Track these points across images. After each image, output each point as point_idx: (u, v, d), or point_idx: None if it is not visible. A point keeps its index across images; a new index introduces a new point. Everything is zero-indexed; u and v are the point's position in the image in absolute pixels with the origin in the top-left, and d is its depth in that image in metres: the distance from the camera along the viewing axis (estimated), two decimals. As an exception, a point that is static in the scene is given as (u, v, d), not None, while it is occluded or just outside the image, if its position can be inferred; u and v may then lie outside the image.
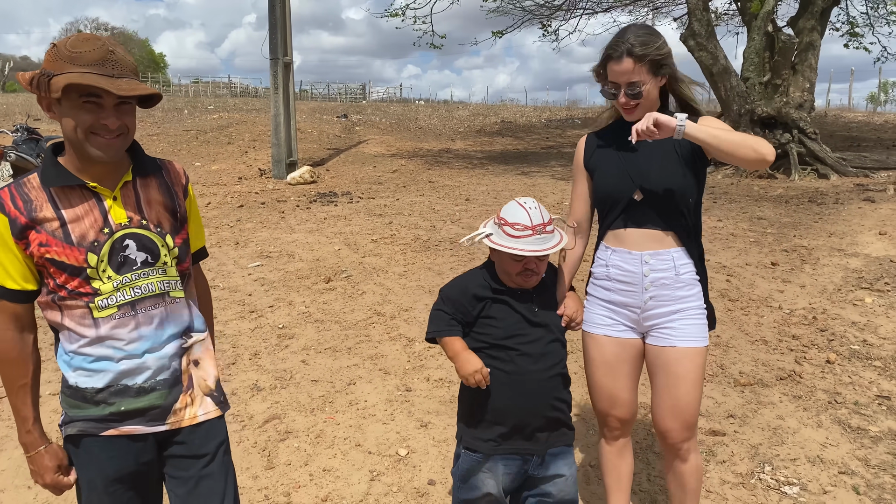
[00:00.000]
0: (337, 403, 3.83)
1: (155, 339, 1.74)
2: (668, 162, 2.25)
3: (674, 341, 2.27)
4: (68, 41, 1.58)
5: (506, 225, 2.09)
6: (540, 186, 10.93)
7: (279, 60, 12.13)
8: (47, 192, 1.64)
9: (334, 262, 6.68)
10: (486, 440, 2.15)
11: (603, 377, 2.40)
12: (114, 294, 1.68)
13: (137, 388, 1.73)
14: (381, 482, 3.10)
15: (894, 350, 4.28)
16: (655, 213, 2.26)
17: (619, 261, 2.31)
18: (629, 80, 2.20)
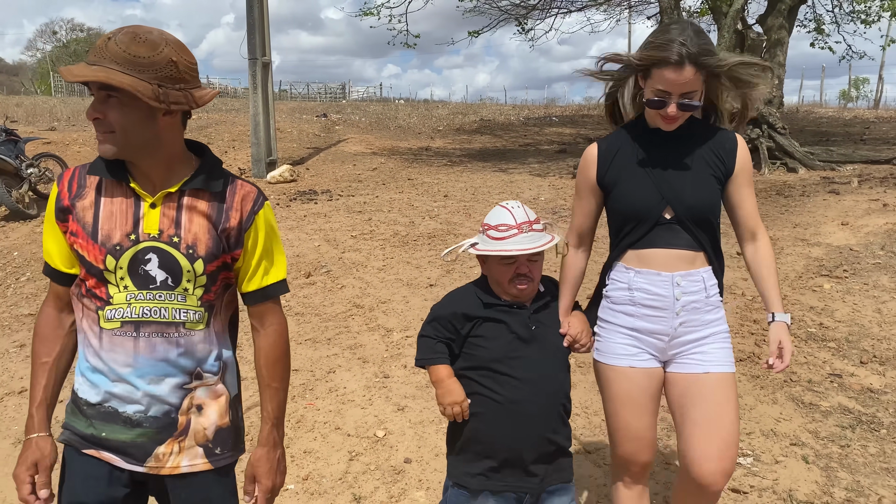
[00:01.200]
0: (317, 391, 3.98)
1: (152, 371, 1.58)
2: (702, 177, 2.05)
3: (707, 367, 2.06)
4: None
5: (490, 229, 1.98)
6: (517, 183, 11.12)
7: (258, 60, 12.21)
8: (99, 180, 1.57)
9: (314, 257, 6.81)
10: (474, 475, 1.96)
11: (630, 416, 2.12)
12: (123, 307, 1.56)
13: (125, 418, 1.59)
14: (359, 462, 3.25)
15: (848, 332, 4.50)
16: (687, 232, 2.05)
17: (645, 283, 2.06)
18: (686, 91, 1.94)
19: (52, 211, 1.59)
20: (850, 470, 3.11)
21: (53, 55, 56.19)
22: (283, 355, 1.77)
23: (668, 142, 2.08)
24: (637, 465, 2.19)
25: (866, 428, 3.44)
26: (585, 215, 2.22)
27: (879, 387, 3.81)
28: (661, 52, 1.91)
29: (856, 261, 5.92)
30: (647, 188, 2.06)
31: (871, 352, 4.21)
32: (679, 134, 2.07)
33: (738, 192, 2.12)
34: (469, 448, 1.98)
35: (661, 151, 2.08)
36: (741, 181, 2.11)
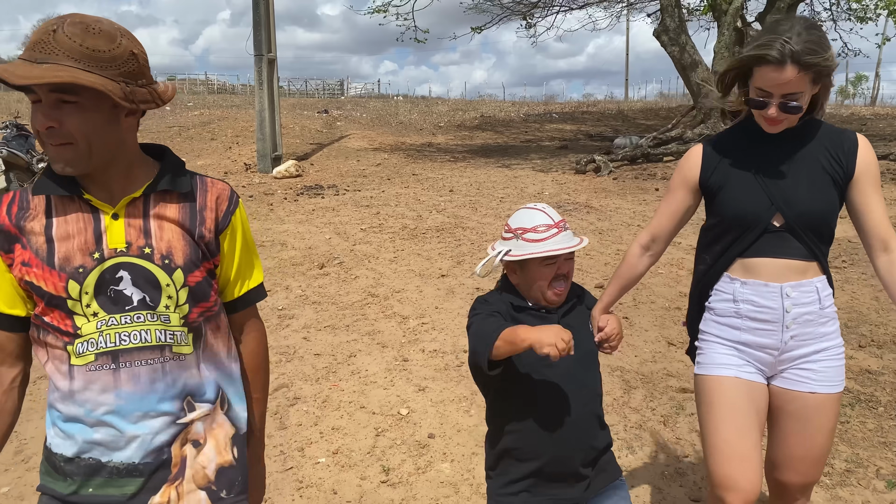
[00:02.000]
0: (340, 373, 4.15)
1: (138, 407, 1.37)
2: (817, 183, 1.91)
3: (814, 386, 1.94)
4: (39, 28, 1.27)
5: (526, 232, 1.87)
6: (521, 178, 11.30)
7: (263, 57, 12.35)
8: (47, 198, 1.35)
9: (326, 249, 6.98)
10: (517, 493, 1.86)
11: (732, 432, 1.93)
12: (95, 337, 1.34)
13: (112, 469, 1.37)
14: (385, 437, 3.43)
15: (847, 318, 4.69)
16: (799, 241, 1.91)
17: (752, 295, 1.95)
18: (788, 91, 1.80)
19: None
20: (849, 444, 3.30)
21: (51, 51, 56.04)
22: (264, 363, 1.62)
23: (781, 144, 1.95)
24: (738, 495, 1.88)
25: (865, 406, 3.62)
26: (670, 216, 2.10)
27: (877, 368, 4.00)
28: (762, 51, 1.79)
29: (854, 252, 6.11)
30: (755, 193, 1.94)
31: (870, 336, 4.40)
32: (792, 135, 1.94)
33: (862, 198, 1.92)
34: (511, 464, 1.87)
35: (772, 154, 1.95)
36: (865, 185, 1.91)
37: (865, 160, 1.91)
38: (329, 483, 3.07)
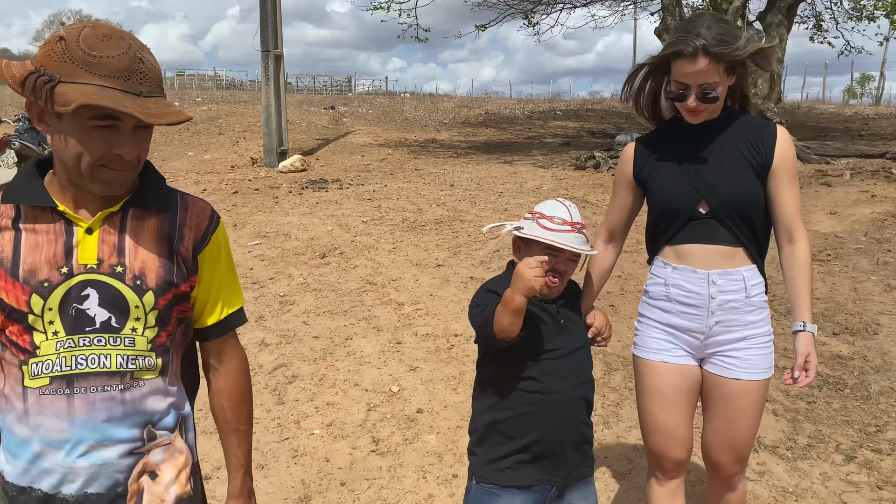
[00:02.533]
0: (336, 354, 4.37)
1: (91, 436, 1.29)
2: (738, 171, 2.01)
3: (738, 373, 2.05)
4: (82, 35, 1.19)
5: (542, 218, 1.93)
6: (521, 174, 11.49)
7: (270, 53, 12.58)
8: (16, 208, 1.29)
9: (328, 240, 7.19)
10: (503, 470, 1.93)
11: (659, 411, 2.14)
12: (52, 358, 1.26)
13: (61, 500, 1.29)
14: (377, 412, 3.65)
15: (825, 308, 4.87)
16: (724, 227, 2.01)
17: (681, 280, 2.06)
18: (703, 82, 1.93)
19: None
20: (814, 422, 3.49)
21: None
22: (247, 393, 1.53)
23: (704, 135, 2.05)
24: (668, 461, 2.17)
25: (832, 388, 3.81)
26: (619, 211, 2.24)
27: (848, 354, 4.19)
28: (677, 46, 1.92)
29: (839, 246, 6.29)
30: (681, 182, 2.04)
31: (844, 324, 4.58)
32: (716, 127, 2.05)
33: (776, 188, 2.02)
34: (499, 442, 1.93)
35: (696, 145, 2.05)
36: (780, 176, 2.01)
37: (783, 152, 2.01)
38: (322, 452, 3.28)
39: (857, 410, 3.59)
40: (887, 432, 3.38)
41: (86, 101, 1.15)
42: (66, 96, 1.16)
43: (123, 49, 1.21)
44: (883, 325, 4.52)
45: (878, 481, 3.02)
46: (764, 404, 2.13)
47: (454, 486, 3.00)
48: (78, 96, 1.15)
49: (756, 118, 2.10)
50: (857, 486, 2.99)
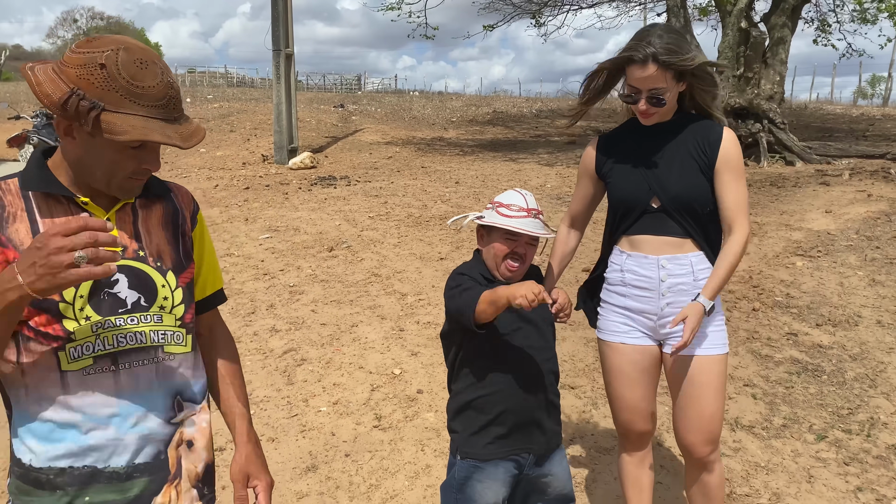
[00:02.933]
0: (342, 340, 4.62)
1: (137, 408, 1.37)
2: (686, 170, 2.18)
3: (694, 349, 2.20)
4: (120, 62, 1.23)
5: (501, 206, 2.08)
6: (525, 171, 11.72)
7: (281, 52, 12.85)
8: (26, 199, 1.32)
9: (335, 234, 7.44)
10: (485, 444, 2.07)
11: (622, 388, 2.34)
12: (91, 340, 1.32)
13: (110, 473, 1.36)
14: (379, 392, 3.89)
15: (810, 301, 5.09)
16: (673, 220, 2.19)
17: (634, 265, 2.25)
18: (652, 87, 2.10)
19: None
20: (790, 405, 3.71)
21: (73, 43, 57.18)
22: (237, 356, 1.68)
23: (659, 135, 2.23)
24: (634, 433, 2.39)
25: (810, 374, 4.03)
26: (581, 200, 2.43)
27: (828, 343, 4.40)
28: (629, 53, 2.09)
29: (830, 243, 6.48)
30: (635, 179, 2.22)
31: (827, 317, 4.80)
32: (670, 128, 2.22)
33: (720, 185, 2.18)
34: (476, 418, 2.07)
35: (651, 145, 2.23)
36: (723, 173, 2.16)
37: (726, 151, 2.16)
38: (328, 427, 3.53)
39: (832, 395, 3.80)
40: (858, 415, 3.60)
41: (138, 137, 1.22)
42: (114, 126, 1.22)
43: (160, 77, 1.27)
44: (864, 318, 4.73)
45: (846, 458, 3.24)
46: (724, 380, 2.25)
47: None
48: (129, 129, 1.22)
49: (708, 121, 2.24)
50: (825, 462, 3.21)
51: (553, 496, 2.18)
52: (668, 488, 3.04)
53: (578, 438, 3.45)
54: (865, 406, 3.68)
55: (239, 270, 6.24)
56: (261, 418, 3.62)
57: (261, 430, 3.50)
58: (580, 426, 3.56)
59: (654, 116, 2.19)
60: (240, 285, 5.83)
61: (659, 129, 2.24)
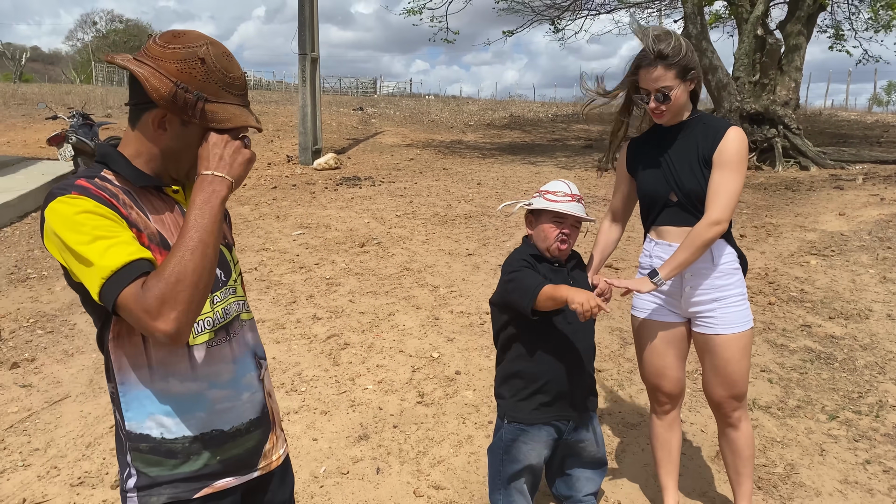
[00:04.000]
0: (382, 327, 4.92)
1: (246, 369, 1.55)
2: (696, 167, 2.41)
3: (717, 328, 2.47)
4: (214, 55, 1.35)
5: (548, 194, 2.36)
6: (545, 174, 12.00)
7: (307, 56, 13.21)
8: (126, 191, 1.39)
9: (365, 231, 7.76)
10: (530, 410, 2.35)
11: (650, 355, 2.64)
12: (210, 315, 1.47)
13: (233, 431, 1.51)
14: (420, 373, 4.19)
15: (823, 296, 5.34)
16: (688, 212, 2.44)
17: (660, 252, 2.51)
18: (659, 86, 2.35)
19: (113, 214, 1.33)
20: (804, 388, 3.98)
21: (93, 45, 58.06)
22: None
23: (677, 136, 2.48)
24: (662, 394, 2.67)
25: (823, 362, 4.29)
26: (619, 198, 2.73)
27: (840, 334, 4.66)
28: (637, 60, 2.39)
29: (844, 243, 6.73)
30: (657, 177, 2.50)
31: (840, 310, 5.05)
32: (686, 128, 2.47)
33: (711, 174, 2.40)
34: (523, 387, 2.33)
35: (670, 145, 2.49)
36: (715, 164, 2.38)
37: (723, 146, 2.37)
38: (375, 402, 3.83)
39: (843, 380, 4.07)
40: (868, 398, 3.86)
41: (240, 124, 1.37)
42: (216, 115, 1.35)
43: (239, 66, 1.40)
44: (874, 311, 4.98)
45: (856, 435, 3.50)
46: (749, 350, 2.52)
47: (489, 429, 3.53)
48: (230, 117, 1.37)
49: (719, 120, 2.49)
50: (836, 439, 3.48)
51: (588, 459, 2.50)
52: (691, 458, 3.32)
53: (607, 416, 3.73)
54: (875, 390, 3.94)
55: (276, 264, 6.56)
56: (312, 394, 3.93)
57: (313, 404, 3.81)
58: (608, 405, 3.84)
59: (666, 115, 2.43)
60: (278, 277, 6.15)
61: (677, 130, 2.50)
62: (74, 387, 4.14)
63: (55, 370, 4.38)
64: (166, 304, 1.23)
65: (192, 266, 1.26)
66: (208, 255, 1.29)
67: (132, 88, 1.38)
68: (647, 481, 3.13)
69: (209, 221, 1.31)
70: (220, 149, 1.36)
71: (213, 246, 1.31)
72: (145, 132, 1.39)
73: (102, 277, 1.25)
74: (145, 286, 1.24)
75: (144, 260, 1.28)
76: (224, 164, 1.36)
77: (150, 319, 1.23)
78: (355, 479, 3.15)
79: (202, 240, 1.29)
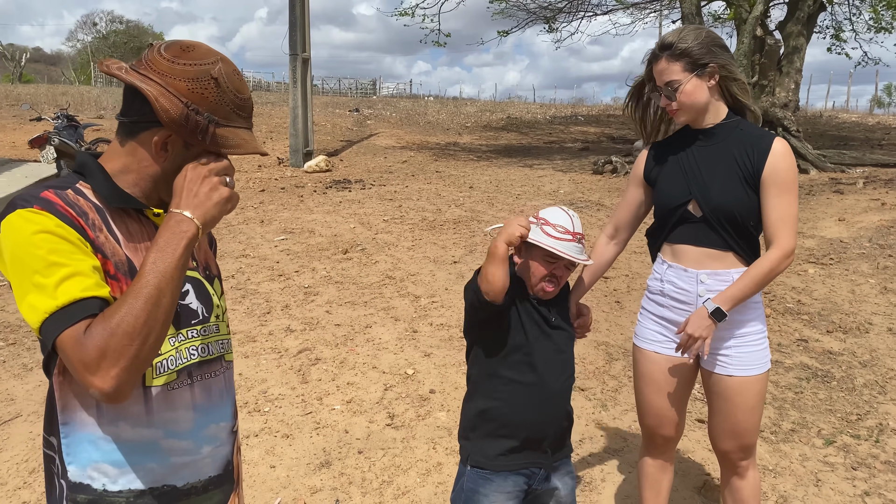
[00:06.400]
0: (356, 340, 4.69)
1: (213, 418, 1.37)
2: (730, 179, 2.13)
3: (731, 370, 2.19)
4: (225, 74, 1.24)
5: (547, 224, 2.01)
6: (541, 177, 11.77)
7: (298, 56, 12.99)
8: (99, 210, 1.23)
9: (350, 237, 7.53)
10: (496, 455, 2.04)
11: (652, 394, 2.35)
12: (173, 354, 1.30)
13: (188, 489, 1.34)
14: (392, 391, 3.96)
15: (821, 308, 5.11)
16: (714, 231, 2.14)
17: (673, 277, 2.22)
18: (666, 80, 2.14)
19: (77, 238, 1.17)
20: (799, 410, 3.74)
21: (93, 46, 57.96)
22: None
23: (707, 142, 2.19)
24: (659, 437, 2.40)
25: (820, 380, 4.06)
26: (627, 208, 2.39)
27: (838, 350, 4.42)
28: (646, 58, 2.21)
29: (843, 251, 6.49)
30: (678, 183, 2.19)
31: (838, 323, 4.82)
32: (718, 134, 2.18)
33: (765, 198, 2.10)
34: (491, 430, 2.04)
35: (699, 151, 2.19)
36: (769, 186, 2.09)
37: (774, 164, 2.08)
38: (342, 425, 3.60)
39: (841, 400, 3.83)
40: (867, 420, 3.63)
41: (251, 151, 1.27)
42: (227, 140, 1.24)
43: (248, 86, 1.29)
44: (875, 325, 4.75)
45: (854, 462, 3.27)
46: (763, 396, 2.24)
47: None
48: (241, 143, 1.25)
49: (758, 128, 2.19)
50: (832, 467, 3.24)
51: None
52: (676, 489, 3.08)
53: (588, 440, 3.50)
54: (874, 412, 3.70)
55: (254, 271, 6.33)
56: (275, 415, 3.70)
57: (275, 426, 3.58)
58: (589, 428, 3.61)
59: (680, 113, 2.17)
60: (255, 286, 5.92)
61: (707, 136, 2.21)
62: (27, 405, 3.91)
63: (10, 386, 4.16)
64: (107, 359, 1.08)
65: (144, 318, 1.11)
66: (163, 305, 1.14)
67: (130, 102, 1.24)
68: (628, 516, 2.90)
69: (170, 267, 1.15)
70: (196, 185, 1.22)
71: (170, 295, 1.15)
72: (143, 151, 1.26)
73: (46, 312, 1.10)
74: (88, 332, 1.08)
75: (97, 299, 1.13)
76: (197, 202, 1.20)
77: (86, 372, 1.08)
78: (312, 513, 2.91)
79: (158, 286, 1.13)
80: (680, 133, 2.29)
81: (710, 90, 2.14)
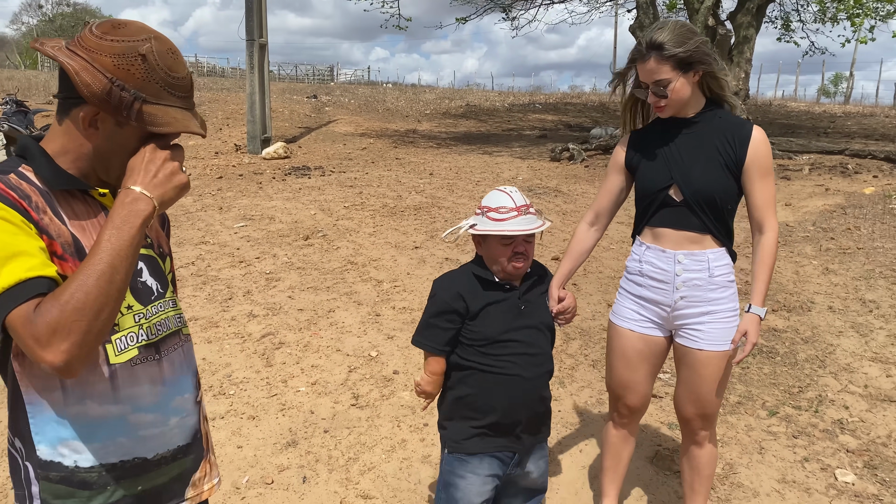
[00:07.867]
0: (320, 324, 4.75)
1: (178, 391, 1.42)
2: (711, 165, 2.22)
3: (701, 344, 2.30)
4: (157, 52, 1.22)
5: (490, 211, 2.06)
6: (499, 164, 11.90)
7: (255, 42, 12.85)
8: (43, 193, 1.24)
9: (311, 224, 7.54)
10: (471, 438, 2.12)
11: (622, 368, 2.47)
12: (134, 331, 1.32)
13: (159, 460, 1.38)
14: (356, 373, 4.03)
15: (774, 289, 5.34)
16: (694, 215, 2.24)
17: (652, 258, 2.32)
18: (655, 79, 2.19)
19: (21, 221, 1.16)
20: (745, 383, 3.94)
21: (39, 29, 56.09)
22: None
23: (687, 130, 2.28)
24: (624, 407, 2.53)
25: (764, 356, 4.27)
26: (607, 194, 2.48)
27: (782, 327, 4.65)
28: (633, 51, 2.24)
29: (788, 234, 6.77)
30: (659, 169, 2.28)
31: (783, 303, 5.05)
32: (698, 122, 2.28)
33: (749, 183, 2.24)
34: (467, 416, 2.11)
35: (680, 138, 2.28)
36: (752, 172, 2.22)
37: (756, 151, 2.21)
38: (307, 406, 3.67)
39: (784, 375, 4.04)
40: (808, 392, 3.84)
41: (180, 129, 1.24)
42: (155, 118, 1.22)
43: (185, 66, 1.27)
44: (816, 304, 4.99)
45: (795, 431, 3.47)
46: (730, 371, 2.38)
47: (424, 432, 3.40)
48: (171, 121, 1.24)
49: (736, 117, 2.31)
50: (775, 436, 3.44)
51: (524, 487, 2.23)
52: (663, 482, 3.24)
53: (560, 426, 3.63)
54: (815, 385, 3.92)
55: (214, 258, 6.31)
56: (241, 398, 3.74)
57: (241, 408, 3.62)
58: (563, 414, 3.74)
59: (668, 108, 2.25)
60: (216, 272, 5.92)
61: (687, 124, 2.30)
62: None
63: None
64: (57, 334, 1.09)
65: (96, 293, 1.12)
66: (116, 281, 1.14)
67: (62, 80, 1.24)
68: (584, 485, 3.04)
69: (124, 244, 1.16)
70: (156, 166, 1.23)
71: (124, 272, 1.16)
72: (74, 129, 1.25)
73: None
74: (39, 309, 1.09)
75: (44, 278, 1.13)
76: (156, 182, 1.22)
77: (37, 348, 1.09)
78: (280, 490, 2.98)
79: (112, 264, 1.14)
80: (659, 121, 2.37)
81: (693, 84, 2.24)
